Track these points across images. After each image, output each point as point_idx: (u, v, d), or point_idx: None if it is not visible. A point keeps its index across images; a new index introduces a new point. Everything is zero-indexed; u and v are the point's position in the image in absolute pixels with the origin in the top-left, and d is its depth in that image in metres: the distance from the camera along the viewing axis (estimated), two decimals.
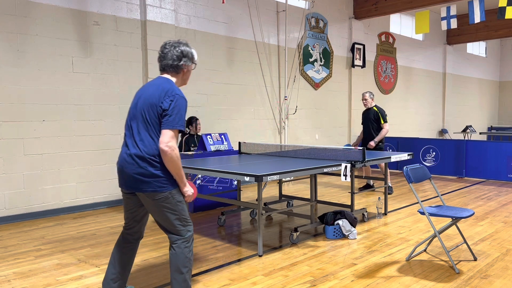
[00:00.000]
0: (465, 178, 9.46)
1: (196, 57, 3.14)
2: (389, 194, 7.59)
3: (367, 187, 8.03)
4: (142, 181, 2.88)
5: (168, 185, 2.91)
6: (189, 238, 3.02)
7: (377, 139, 7.48)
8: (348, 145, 8.28)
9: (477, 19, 9.07)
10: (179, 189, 2.99)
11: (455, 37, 15.23)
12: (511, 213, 6.14)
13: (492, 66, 18.82)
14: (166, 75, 3.07)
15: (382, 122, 7.50)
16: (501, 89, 19.47)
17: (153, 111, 2.87)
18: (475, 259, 4.19)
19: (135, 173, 2.88)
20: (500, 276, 3.78)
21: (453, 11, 9.51)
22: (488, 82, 18.60)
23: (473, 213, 3.99)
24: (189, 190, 3.02)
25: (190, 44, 5.13)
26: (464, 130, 14.21)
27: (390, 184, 7.67)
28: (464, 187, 8.41)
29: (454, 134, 15.37)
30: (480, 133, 15.76)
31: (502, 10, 8.41)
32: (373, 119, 7.58)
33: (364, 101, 7.69)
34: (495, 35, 14.30)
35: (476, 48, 17.78)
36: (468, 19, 9.22)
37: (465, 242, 4.25)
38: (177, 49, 3.01)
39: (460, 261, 4.16)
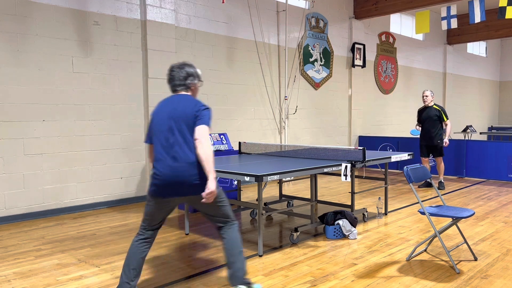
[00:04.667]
0: (466, 178, 9.46)
1: (200, 75, 3.46)
2: (440, 189, 8.04)
3: (428, 185, 8.25)
4: (197, 184, 3.16)
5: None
6: (235, 217, 3.49)
7: (447, 137, 8.01)
8: (414, 130, 8.63)
9: (477, 19, 9.07)
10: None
11: (455, 37, 15.23)
12: (511, 213, 6.14)
13: (492, 66, 18.82)
14: (183, 93, 3.37)
15: (445, 119, 7.92)
16: (501, 89, 19.46)
17: (192, 122, 3.18)
18: (476, 259, 4.19)
19: (192, 179, 3.15)
20: (500, 276, 3.78)
21: (453, 11, 9.51)
22: (488, 82, 18.59)
23: (474, 213, 3.99)
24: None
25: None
26: (464, 130, 14.17)
27: (442, 180, 8.18)
28: (464, 187, 8.41)
29: (454, 134, 15.35)
30: (481, 133, 15.75)
31: (503, 10, 8.41)
32: (434, 117, 7.93)
33: (425, 98, 8.05)
34: (495, 35, 14.29)
35: (477, 48, 17.76)
36: (469, 19, 9.21)
37: (466, 242, 4.25)
38: (182, 70, 3.35)
39: (461, 261, 4.16)
